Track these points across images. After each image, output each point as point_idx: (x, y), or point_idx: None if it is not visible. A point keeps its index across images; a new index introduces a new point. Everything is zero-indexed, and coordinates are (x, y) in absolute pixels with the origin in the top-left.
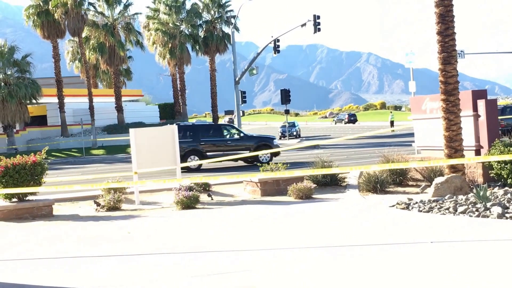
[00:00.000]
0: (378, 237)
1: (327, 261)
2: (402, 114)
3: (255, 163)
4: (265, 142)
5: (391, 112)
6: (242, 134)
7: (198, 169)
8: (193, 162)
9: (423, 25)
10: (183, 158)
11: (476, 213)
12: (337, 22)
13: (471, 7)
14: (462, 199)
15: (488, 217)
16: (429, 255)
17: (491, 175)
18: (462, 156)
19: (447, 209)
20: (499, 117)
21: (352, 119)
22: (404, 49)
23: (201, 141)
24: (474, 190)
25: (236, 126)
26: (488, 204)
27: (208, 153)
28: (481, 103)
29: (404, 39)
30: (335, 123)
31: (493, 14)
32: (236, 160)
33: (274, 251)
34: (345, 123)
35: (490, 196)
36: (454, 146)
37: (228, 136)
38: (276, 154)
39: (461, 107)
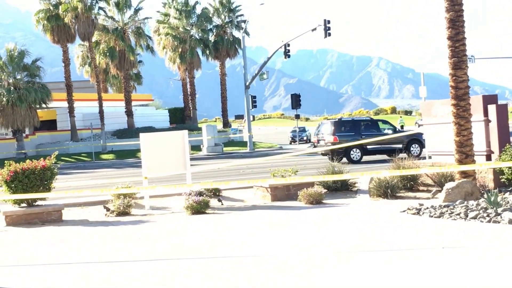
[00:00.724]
0: (389, 242)
1: (339, 266)
2: (413, 119)
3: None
4: (416, 137)
5: (400, 117)
6: (396, 129)
7: (359, 161)
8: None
9: (433, 30)
10: (346, 151)
11: (487, 218)
12: (347, 27)
13: (481, 12)
14: (473, 205)
15: (499, 222)
16: (440, 261)
17: (502, 180)
18: (473, 161)
19: (458, 214)
20: None
21: None
22: (415, 53)
23: (362, 135)
24: (485, 196)
25: (388, 121)
26: (499, 210)
27: (368, 146)
28: (491, 108)
29: (415, 43)
30: None
31: (503, 19)
32: (391, 154)
33: (286, 256)
34: None
35: (501, 202)
36: (464, 151)
37: (384, 131)
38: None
39: (472, 112)
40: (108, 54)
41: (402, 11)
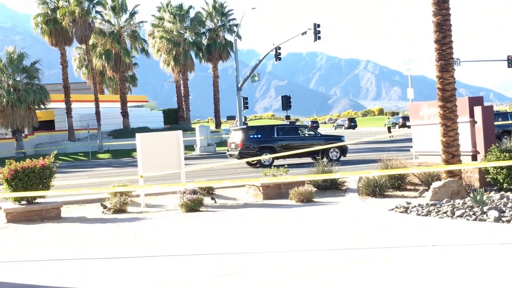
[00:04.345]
0: (379, 240)
1: (330, 264)
2: None
3: None
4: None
5: (388, 118)
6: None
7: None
8: None
9: (419, 33)
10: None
11: (473, 216)
12: (336, 30)
13: (466, 16)
14: (459, 203)
15: (485, 220)
16: (432, 258)
17: (487, 179)
18: (459, 161)
19: (445, 212)
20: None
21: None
22: (401, 56)
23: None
24: (471, 194)
25: None
26: (485, 208)
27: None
28: (477, 110)
29: (402, 46)
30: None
31: (487, 22)
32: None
33: (278, 253)
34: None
35: (487, 200)
36: (451, 152)
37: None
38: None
39: (458, 113)
40: (104, 56)
41: (389, 14)
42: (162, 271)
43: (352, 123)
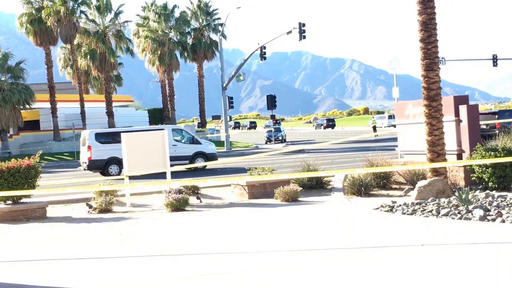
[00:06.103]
0: (367, 240)
1: (316, 264)
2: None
3: None
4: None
5: (373, 117)
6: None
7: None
8: None
9: (405, 32)
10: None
11: (459, 215)
12: (321, 29)
13: (452, 15)
14: (444, 202)
15: (470, 219)
16: (425, 258)
17: (472, 178)
18: (444, 160)
19: (430, 211)
20: None
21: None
22: (387, 55)
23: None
24: (456, 193)
25: None
26: (470, 207)
27: None
28: (463, 109)
29: (387, 45)
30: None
31: (473, 21)
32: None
33: (264, 253)
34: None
35: (472, 199)
36: (436, 151)
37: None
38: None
39: (443, 112)
40: (89, 56)
41: (375, 13)
42: (147, 270)
43: (330, 123)
